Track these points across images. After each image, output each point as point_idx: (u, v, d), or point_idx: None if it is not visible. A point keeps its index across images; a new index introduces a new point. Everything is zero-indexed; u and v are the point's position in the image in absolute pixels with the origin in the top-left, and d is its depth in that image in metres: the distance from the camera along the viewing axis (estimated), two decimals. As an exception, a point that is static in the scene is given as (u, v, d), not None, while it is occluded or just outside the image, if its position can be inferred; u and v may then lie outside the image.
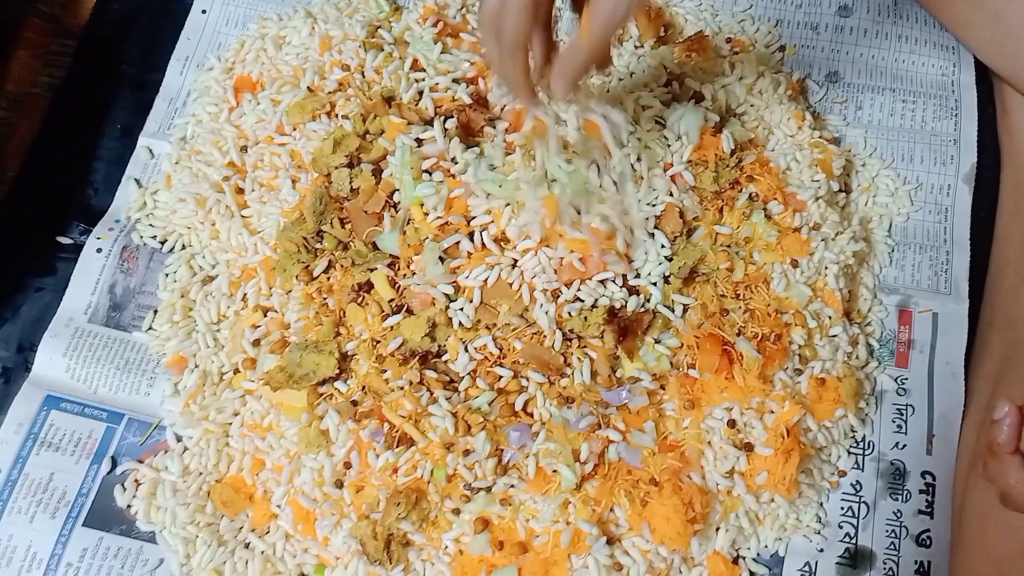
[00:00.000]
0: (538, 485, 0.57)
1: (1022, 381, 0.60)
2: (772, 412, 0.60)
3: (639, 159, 0.62)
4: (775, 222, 0.63)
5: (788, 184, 0.66)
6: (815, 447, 0.62)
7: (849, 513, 0.63)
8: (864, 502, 0.63)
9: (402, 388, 0.58)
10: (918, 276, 0.70)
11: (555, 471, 0.57)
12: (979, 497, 0.58)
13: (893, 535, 0.62)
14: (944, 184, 0.73)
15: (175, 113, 0.74)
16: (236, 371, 0.63)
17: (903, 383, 0.66)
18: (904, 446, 0.65)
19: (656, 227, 0.61)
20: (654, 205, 0.61)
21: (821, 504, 0.62)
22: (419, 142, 0.63)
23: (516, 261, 0.59)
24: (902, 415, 0.66)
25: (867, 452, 0.64)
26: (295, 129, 0.68)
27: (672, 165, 0.62)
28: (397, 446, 0.58)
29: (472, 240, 0.60)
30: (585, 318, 0.58)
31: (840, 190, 0.70)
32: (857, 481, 0.63)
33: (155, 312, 0.66)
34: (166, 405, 0.63)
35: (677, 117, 0.64)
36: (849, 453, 0.64)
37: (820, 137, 0.70)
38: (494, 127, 0.65)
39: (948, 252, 0.71)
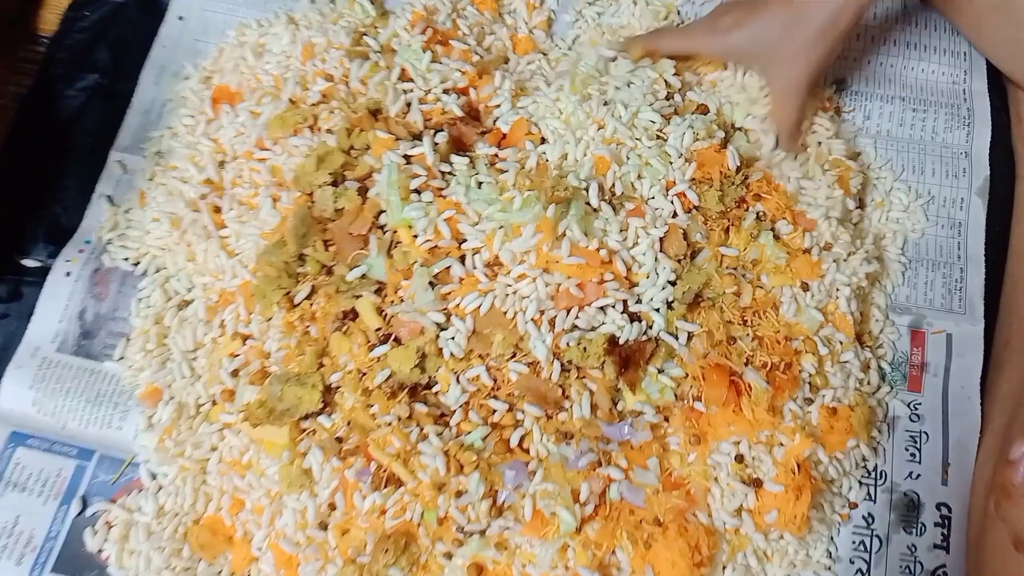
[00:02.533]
0: (535, 528, 0.54)
1: (1043, 411, 0.57)
2: (782, 445, 0.57)
3: (640, 177, 0.59)
4: (784, 243, 0.60)
5: (799, 202, 0.62)
6: (826, 480, 0.59)
7: (861, 548, 0.60)
8: (876, 536, 0.60)
9: (390, 424, 0.55)
10: (931, 295, 0.67)
11: (553, 513, 0.54)
12: (1000, 533, 0.55)
13: (907, 571, 0.59)
14: (957, 197, 0.70)
15: (150, 125, 0.70)
16: (214, 403, 0.60)
17: (916, 408, 0.64)
18: (918, 476, 0.62)
19: (659, 250, 0.57)
20: (656, 227, 0.57)
21: (831, 538, 0.60)
22: (407, 159, 0.60)
23: (510, 287, 0.56)
24: (915, 443, 0.63)
25: (879, 482, 0.61)
26: (276, 144, 0.64)
27: (675, 183, 0.59)
28: (385, 487, 0.54)
29: (464, 264, 0.57)
30: (584, 348, 0.55)
31: (856, 206, 0.66)
32: (869, 513, 0.61)
33: (127, 340, 0.62)
34: (140, 440, 0.59)
35: (679, 132, 0.60)
36: (860, 484, 0.61)
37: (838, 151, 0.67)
38: (486, 142, 0.62)
39: (962, 269, 0.68)
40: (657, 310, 0.57)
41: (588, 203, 0.58)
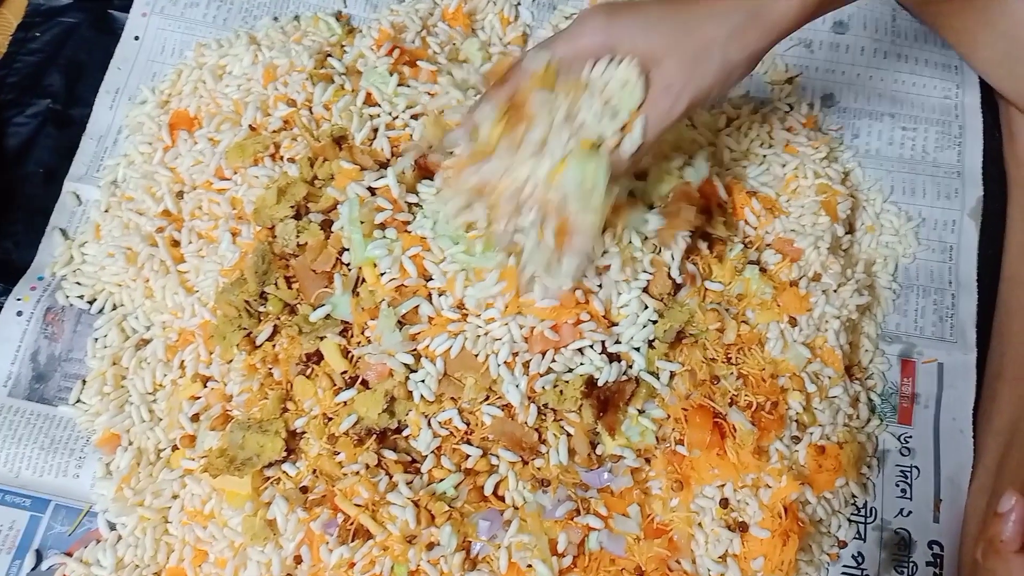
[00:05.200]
0: (511, 581, 0.51)
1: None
2: (768, 487, 0.54)
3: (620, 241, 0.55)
4: (770, 276, 0.57)
5: (785, 229, 0.60)
6: (814, 521, 0.56)
7: (851, 589, 0.58)
8: (867, 576, 0.58)
9: (357, 472, 0.52)
10: (921, 322, 0.65)
11: (530, 565, 0.51)
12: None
13: (899, 613, 0.57)
14: (948, 220, 0.67)
15: (104, 153, 0.67)
16: (174, 448, 0.57)
17: (907, 442, 0.61)
18: (909, 513, 0.60)
19: (643, 290, 0.54)
20: (640, 276, 0.54)
21: (821, 580, 0.57)
22: (372, 192, 0.57)
23: (481, 328, 0.53)
24: (906, 478, 0.60)
25: (869, 520, 0.59)
26: (236, 173, 0.61)
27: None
28: (352, 540, 0.52)
29: (431, 303, 0.54)
30: (561, 391, 0.52)
31: (845, 232, 0.64)
32: (859, 552, 0.58)
33: (83, 382, 0.59)
34: (97, 488, 0.56)
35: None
36: (850, 522, 0.59)
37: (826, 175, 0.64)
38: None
39: (953, 295, 0.65)
40: (637, 349, 0.54)
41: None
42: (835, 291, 0.59)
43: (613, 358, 0.54)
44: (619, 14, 0.47)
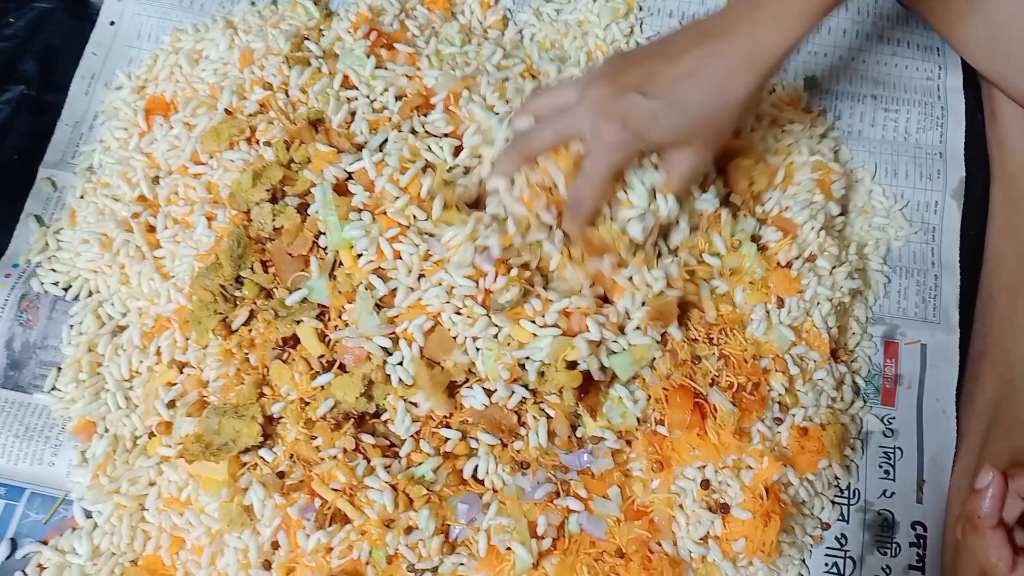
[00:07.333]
0: (490, 564, 0.51)
1: (1014, 432, 0.55)
2: (750, 468, 0.54)
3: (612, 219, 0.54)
4: (766, 256, 0.57)
5: (781, 206, 0.59)
6: (796, 503, 0.56)
7: (834, 570, 0.57)
8: (850, 557, 0.58)
9: (335, 457, 0.52)
10: (904, 303, 0.64)
11: (509, 548, 0.51)
12: (974, 558, 0.52)
13: (882, 594, 0.57)
14: (930, 201, 0.67)
15: (80, 139, 0.66)
16: (151, 435, 0.56)
17: (890, 423, 0.61)
18: (892, 494, 0.59)
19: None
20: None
21: (803, 561, 0.57)
22: (349, 175, 0.56)
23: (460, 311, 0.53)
24: (889, 459, 0.60)
25: (852, 501, 0.59)
26: (211, 157, 0.60)
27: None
28: (330, 524, 0.51)
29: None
30: (542, 373, 0.52)
31: (839, 213, 0.63)
32: (842, 534, 0.58)
33: (59, 369, 0.59)
34: (73, 476, 0.56)
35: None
36: (833, 503, 0.58)
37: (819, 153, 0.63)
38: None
39: (936, 276, 0.65)
40: (620, 329, 0.54)
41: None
42: (829, 273, 0.58)
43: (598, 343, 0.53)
44: (643, 130, 0.49)
